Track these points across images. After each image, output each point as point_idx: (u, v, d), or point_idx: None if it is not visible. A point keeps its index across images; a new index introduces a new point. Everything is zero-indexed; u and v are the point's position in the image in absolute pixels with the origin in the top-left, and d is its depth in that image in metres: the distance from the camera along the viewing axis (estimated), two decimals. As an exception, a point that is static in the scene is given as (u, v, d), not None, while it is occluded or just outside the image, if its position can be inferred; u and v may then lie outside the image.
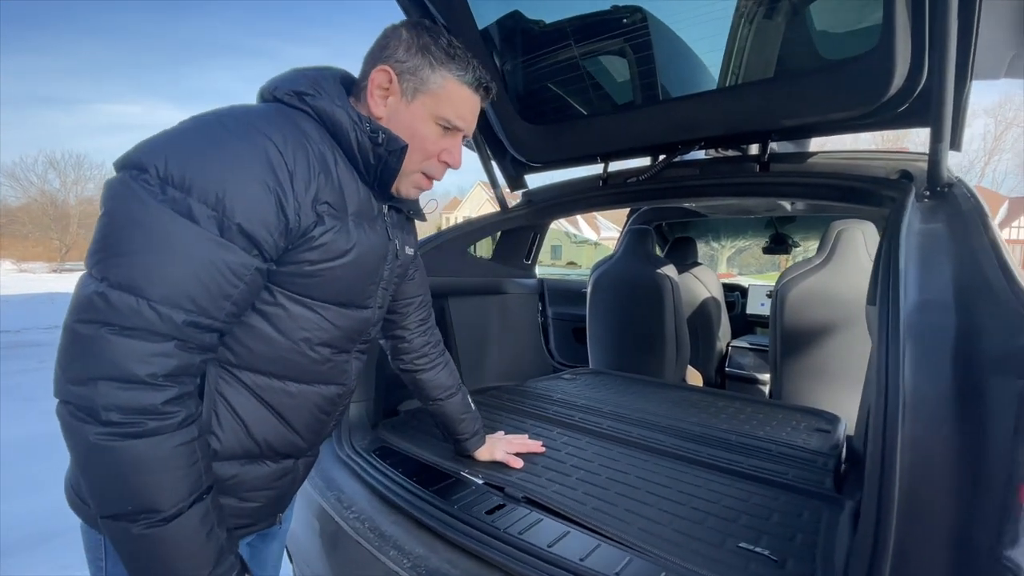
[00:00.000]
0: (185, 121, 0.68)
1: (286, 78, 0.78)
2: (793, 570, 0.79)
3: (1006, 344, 0.58)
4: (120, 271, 0.59)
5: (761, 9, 1.43)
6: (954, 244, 0.80)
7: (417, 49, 0.77)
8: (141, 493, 0.60)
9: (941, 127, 1.00)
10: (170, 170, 0.61)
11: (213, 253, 0.62)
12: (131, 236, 0.60)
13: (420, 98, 0.79)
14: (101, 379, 0.58)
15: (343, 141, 0.76)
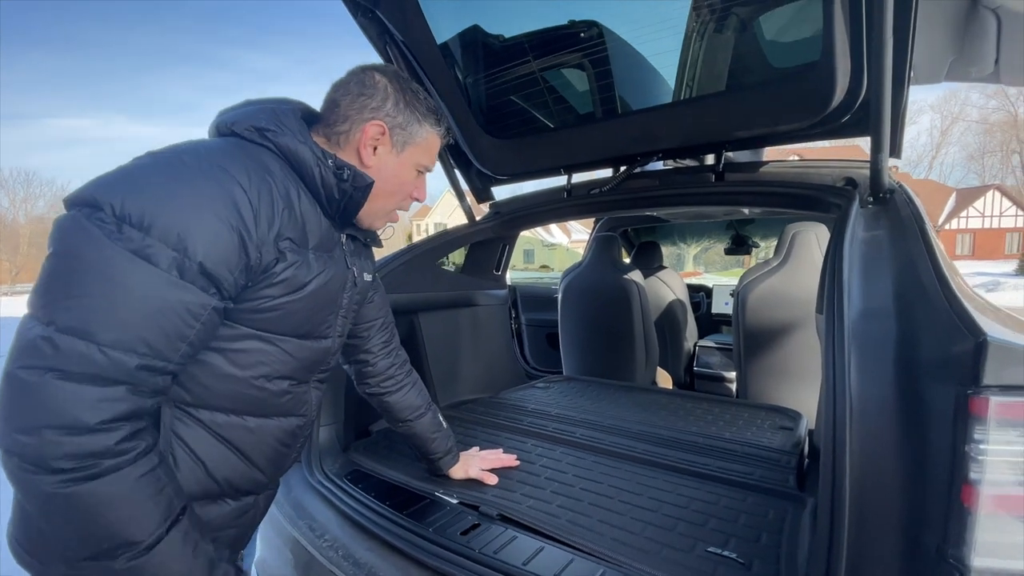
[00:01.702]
0: (142, 157, 0.67)
1: (245, 112, 0.77)
2: (759, 571, 0.82)
3: (942, 351, 0.61)
4: (69, 314, 0.57)
5: (711, 24, 1.48)
6: (894, 251, 0.85)
7: (404, 105, 0.84)
8: (114, 530, 0.59)
9: (881, 137, 1.06)
10: (127, 208, 0.59)
11: (170, 294, 0.61)
12: (82, 278, 0.58)
13: (408, 150, 0.86)
14: (46, 427, 0.56)
15: (306, 176, 0.77)
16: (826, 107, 1.22)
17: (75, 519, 0.58)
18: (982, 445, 0.53)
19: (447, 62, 1.67)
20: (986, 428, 0.53)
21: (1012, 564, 0.53)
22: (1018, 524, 0.53)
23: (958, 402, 0.56)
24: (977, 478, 0.53)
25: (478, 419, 1.59)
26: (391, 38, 1.59)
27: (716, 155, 1.51)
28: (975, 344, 0.55)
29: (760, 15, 1.39)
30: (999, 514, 0.53)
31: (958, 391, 0.56)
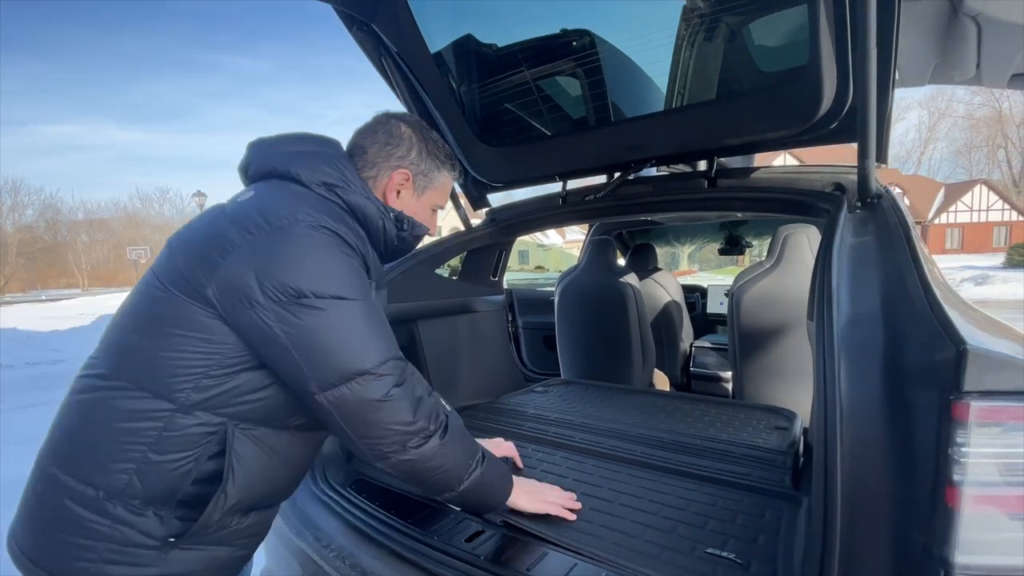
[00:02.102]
0: (287, 240, 0.76)
1: (306, 161, 0.85)
2: (757, 571, 0.85)
3: (926, 358, 0.64)
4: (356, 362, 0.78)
5: (701, 33, 1.51)
6: (881, 258, 0.88)
7: (427, 154, 0.97)
8: (472, 445, 0.90)
9: (867, 144, 1.09)
10: (316, 289, 0.74)
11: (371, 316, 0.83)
12: (338, 340, 0.77)
13: (428, 193, 1.00)
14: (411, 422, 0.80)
15: (371, 228, 0.90)
16: (814, 114, 1.25)
17: (459, 450, 0.86)
18: (964, 448, 0.56)
19: (441, 72, 1.69)
20: (967, 432, 0.56)
21: (993, 560, 0.56)
22: (998, 523, 0.56)
23: (941, 407, 0.58)
24: (960, 479, 0.56)
25: (479, 424, 1.61)
26: (386, 50, 1.61)
27: (708, 161, 1.54)
28: (956, 352, 0.58)
29: (748, 24, 1.42)
30: (981, 513, 0.56)
31: (941, 396, 0.59)
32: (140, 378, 0.75)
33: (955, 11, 1.59)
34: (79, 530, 0.73)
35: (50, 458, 0.78)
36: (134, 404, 0.74)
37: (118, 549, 0.73)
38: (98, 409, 0.76)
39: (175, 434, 0.74)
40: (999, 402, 0.56)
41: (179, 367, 0.74)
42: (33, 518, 0.77)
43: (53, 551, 0.74)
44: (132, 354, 0.77)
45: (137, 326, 0.79)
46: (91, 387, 0.79)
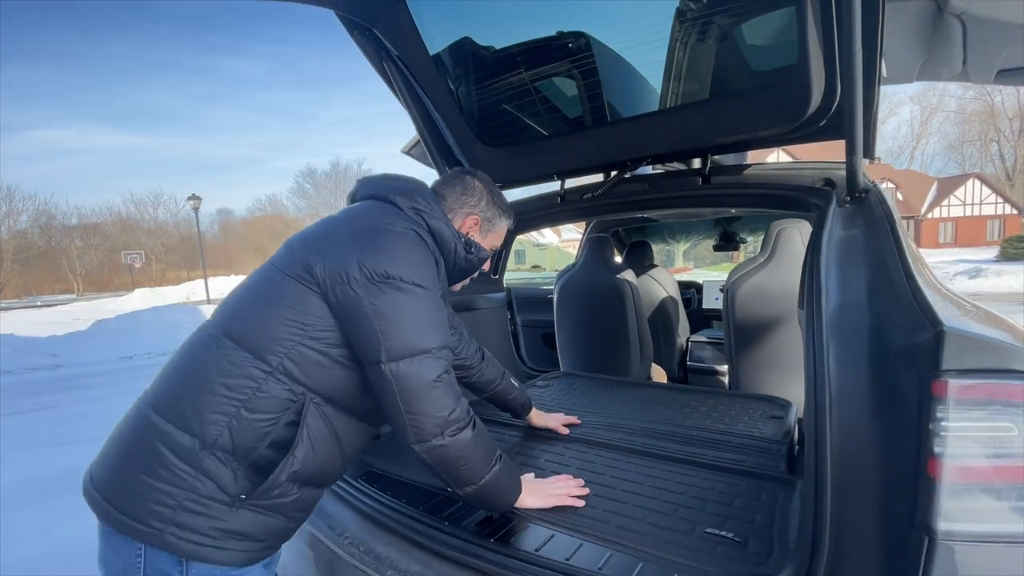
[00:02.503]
0: (385, 236, 0.93)
1: (400, 191, 1.03)
2: (754, 548, 0.89)
3: (908, 340, 0.68)
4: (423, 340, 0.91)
5: (693, 34, 1.55)
6: (867, 249, 0.93)
7: (493, 204, 1.17)
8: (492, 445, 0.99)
9: (854, 141, 1.13)
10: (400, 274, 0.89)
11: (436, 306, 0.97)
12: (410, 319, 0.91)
13: (490, 236, 1.20)
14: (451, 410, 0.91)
15: (445, 249, 1.06)
16: (803, 113, 1.30)
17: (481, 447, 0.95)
18: (944, 423, 0.60)
19: (441, 74, 1.73)
20: (947, 407, 0.60)
21: (972, 527, 0.60)
22: (976, 492, 0.60)
23: (922, 385, 0.63)
24: (941, 452, 0.60)
25: (483, 418, 1.65)
26: (387, 54, 1.64)
27: (702, 159, 1.58)
28: (935, 333, 0.62)
29: (739, 25, 1.47)
30: (960, 484, 0.60)
31: (922, 376, 0.63)
32: (246, 340, 0.87)
33: (940, 10, 1.64)
34: (165, 476, 0.81)
35: (152, 406, 0.87)
36: (238, 363, 0.86)
37: (197, 499, 0.81)
38: (206, 365, 0.87)
39: (266, 396, 0.85)
40: (975, 379, 0.60)
41: (279, 335, 0.87)
42: (119, 462, 0.85)
43: (134, 495, 0.81)
44: (243, 321, 0.90)
45: (250, 299, 0.93)
46: (202, 343, 0.91)
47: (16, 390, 6.38)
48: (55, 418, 4.92)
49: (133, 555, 0.81)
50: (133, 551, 0.81)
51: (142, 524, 0.80)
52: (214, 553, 0.82)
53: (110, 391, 5.96)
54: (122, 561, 0.82)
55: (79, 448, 3.94)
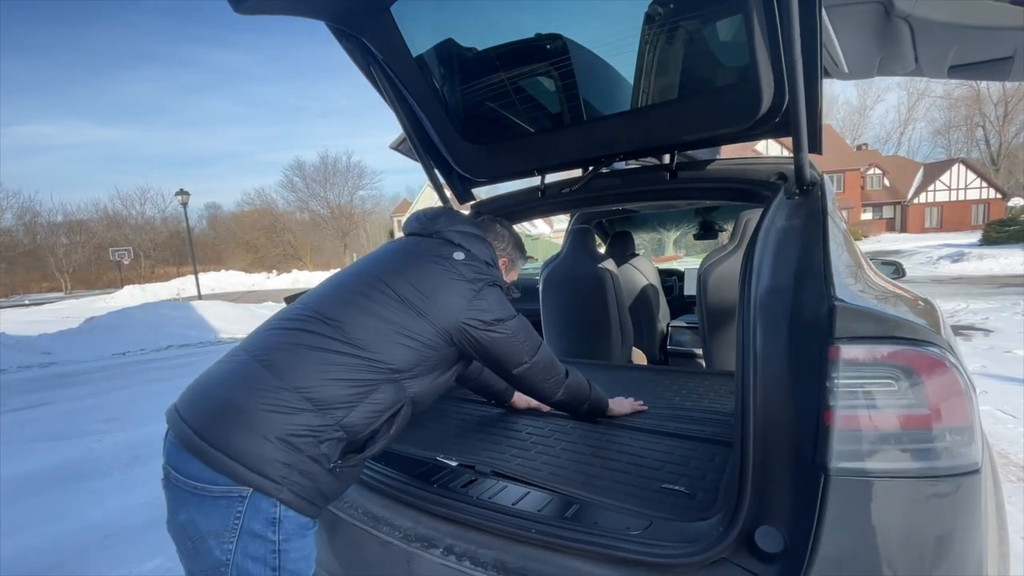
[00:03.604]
0: (491, 288, 1.19)
1: (472, 242, 1.24)
2: (701, 499, 1.03)
3: (813, 315, 0.82)
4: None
5: (662, 37, 1.67)
6: (801, 238, 1.05)
7: (515, 247, 1.44)
8: (584, 384, 1.43)
9: (800, 139, 1.25)
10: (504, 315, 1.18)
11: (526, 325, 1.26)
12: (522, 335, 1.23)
13: (510, 274, 1.44)
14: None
15: None
16: (756, 114, 1.42)
17: (578, 385, 1.42)
18: (836, 380, 0.74)
19: (425, 76, 1.83)
20: (838, 368, 0.74)
21: (858, 464, 0.74)
22: (859, 435, 0.74)
23: (821, 350, 0.76)
24: (833, 404, 0.74)
25: (470, 398, 1.78)
26: (374, 59, 1.74)
27: (670, 155, 1.71)
28: (829, 307, 0.75)
29: (702, 30, 1.58)
30: (848, 430, 0.74)
31: (821, 342, 0.76)
32: (372, 350, 1.02)
33: (888, 13, 1.76)
34: (294, 443, 0.91)
35: (281, 378, 0.94)
36: (363, 366, 1.00)
37: (313, 462, 0.93)
38: (335, 357, 0.99)
39: (382, 395, 1.01)
40: (860, 344, 0.73)
41: (402, 356, 1.04)
42: (242, 425, 0.90)
43: (259, 454, 0.89)
44: (367, 332, 1.03)
45: (370, 311, 1.06)
46: (327, 334, 1.01)
47: (11, 388, 6.43)
48: (52, 414, 4.99)
49: (232, 515, 0.87)
50: (234, 512, 0.87)
51: (265, 478, 0.88)
52: (307, 506, 0.93)
53: (106, 387, 6.03)
54: (220, 522, 0.87)
55: (79, 442, 4.04)
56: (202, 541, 0.87)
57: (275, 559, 0.90)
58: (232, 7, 1.28)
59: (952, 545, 0.74)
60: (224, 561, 0.87)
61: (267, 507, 0.88)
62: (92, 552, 2.41)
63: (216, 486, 0.87)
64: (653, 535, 0.90)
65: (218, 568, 0.87)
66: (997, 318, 6.79)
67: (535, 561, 0.91)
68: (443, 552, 0.97)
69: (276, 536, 0.89)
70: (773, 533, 0.79)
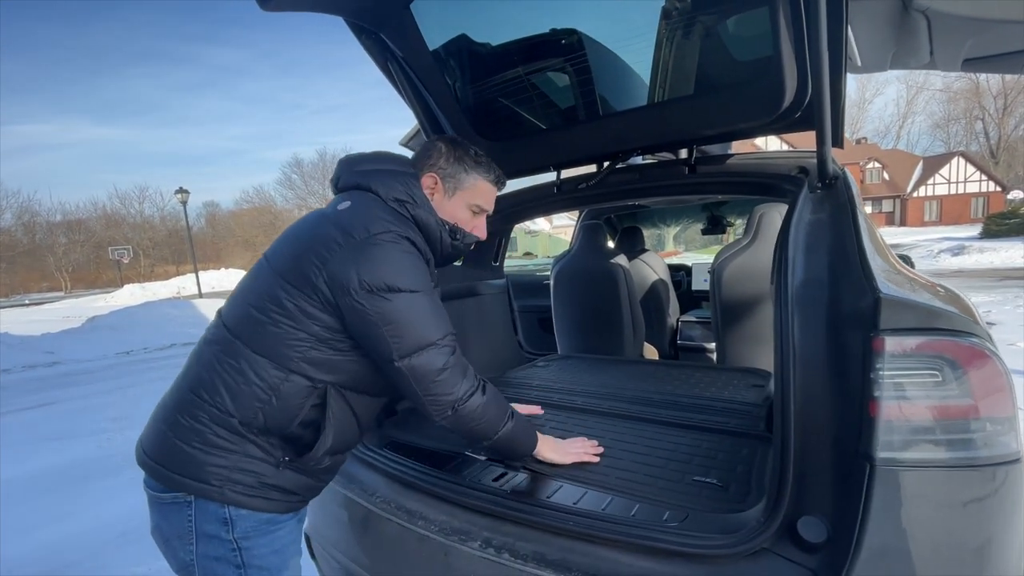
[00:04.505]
0: (377, 248, 0.98)
1: (383, 180, 1.07)
2: (735, 491, 1.04)
3: (855, 307, 0.82)
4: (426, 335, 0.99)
5: (679, 31, 1.67)
6: (831, 231, 1.06)
7: (454, 160, 1.14)
8: (505, 406, 1.09)
9: (824, 131, 1.26)
10: (400, 285, 0.97)
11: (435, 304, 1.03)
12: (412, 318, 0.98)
13: (459, 194, 1.15)
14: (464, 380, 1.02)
15: (431, 239, 1.10)
16: (779, 107, 1.42)
17: (494, 409, 1.07)
18: (880, 371, 0.74)
19: (441, 72, 1.83)
20: (883, 359, 0.74)
21: (903, 455, 0.74)
22: (904, 426, 0.75)
23: (865, 342, 0.77)
24: (878, 395, 0.75)
25: None
26: (392, 55, 1.74)
27: (688, 150, 1.71)
28: (874, 299, 0.76)
29: (720, 24, 1.58)
30: (893, 421, 0.74)
31: (865, 334, 0.77)
32: (265, 350, 0.97)
33: (906, 7, 1.76)
34: (219, 444, 0.94)
35: (192, 390, 0.97)
36: (262, 364, 0.96)
37: (248, 461, 0.96)
38: (233, 362, 0.97)
39: (291, 386, 0.97)
40: (905, 336, 0.74)
41: (292, 345, 0.96)
42: (172, 436, 0.96)
43: (192, 462, 0.94)
44: (256, 331, 0.98)
45: (258, 305, 0.99)
46: (223, 340, 1.00)
47: (16, 388, 6.44)
48: (60, 413, 5.00)
49: (185, 519, 0.93)
50: (185, 516, 0.93)
51: (202, 483, 0.92)
52: (260, 503, 0.96)
53: (112, 385, 6.04)
54: (176, 526, 0.94)
55: (89, 441, 4.05)
56: (168, 544, 0.97)
57: (236, 556, 0.95)
58: (259, 4, 1.27)
59: (994, 533, 0.75)
60: (189, 562, 0.95)
61: (215, 508, 0.94)
62: (110, 550, 2.42)
63: (166, 494, 0.95)
64: (692, 527, 0.91)
65: (186, 568, 0.96)
66: (999, 311, 6.81)
67: (574, 553, 0.92)
68: (481, 545, 0.98)
69: (231, 535, 0.94)
70: (816, 523, 0.80)
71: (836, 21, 1.21)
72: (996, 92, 37.43)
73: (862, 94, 49.71)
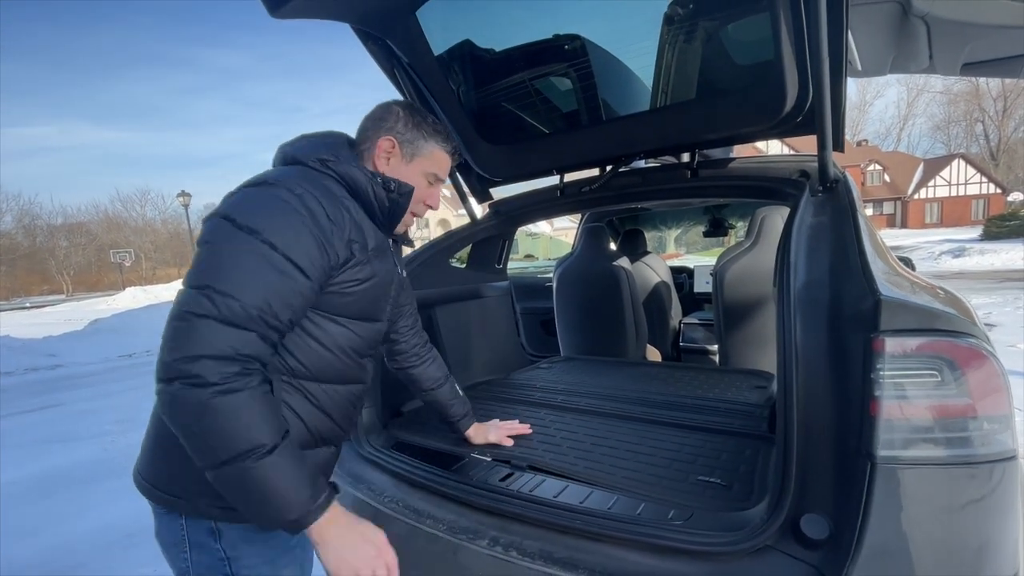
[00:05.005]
0: (252, 187, 0.89)
1: (307, 148, 0.99)
2: (738, 490, 1.05)
3: (856, 308, 0.84)
4: (222, 282, 0.79)
5: (680, 37, 1.69)
6: (832, 234, 1.08)
7: (413, 125, 1.05)
8: (248, 433, 0.76)
9: (824, 136, 1.28)
10: (247, 221, 0.82)
11: (276, 275, 0.83)
12: (226, 260, 0.81)
13: (417, 160, 1.07)
14: (205, 357, 0.75)
15: (361, 194, 0.99)
16: (780, 112, 1.44)
17: (222, 424, 0.75)
18: (881, 371, 0.76)
19: (446, 77, 1.85)
20: (883, 359, 0.76)
21: (902, 453, 0.76)
22: (904, 425, 0.76)
23: (865, 343, 0.79)
24: (879, 395, 0.76)
25: (495, 396, 1.81)
26: (398, 61, 1.77)
27: (691, 154, 1.73)
28: (874, 301, 0.78)
29: (721, 30, 1.60)
30: (893, 419, 0.76)
31: (865, 335, 0.79)
32: None
33: (905, 13, 1.79)
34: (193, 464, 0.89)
35: None
36: None
37: None
38: None
39: None
40: (905, 337, 0.76)
41: None
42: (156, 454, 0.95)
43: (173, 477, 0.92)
44: None
45: None
46: None
47: (19, 390, 6.46)
48: (61, 416, 5.02)
49: (178, 528, 0.93)
50: (178, 525, 0.93)
51: (181, 499, 0.91)
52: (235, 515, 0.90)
53: (114, 388, 6.06)
54: (172, 534, 0.94)
55: (93, 443, 4.06)
56: (167, 550, 0.96)
57: (225, 566, 0.92)
58: (268, 12, 1.30)
59: (992, 528, 0.77)
60: (185, 569, 0.94)
61: (203, 519, 0.92)
62: (116, 551, 2.44)
63: (159, 505, 0.94)
64: (696, 524, 0.92)
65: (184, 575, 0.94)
66: (999, 313, 6.82)
67: (581, 551, 0.94)
68: (489, 543, 1.00)
69: (219, 545, 0.92)
70: (819, 520, 0.81)
71: (836, 26, 1.23)
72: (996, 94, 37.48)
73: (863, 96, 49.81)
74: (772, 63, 1.39)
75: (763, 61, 1.45)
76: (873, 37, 2.01)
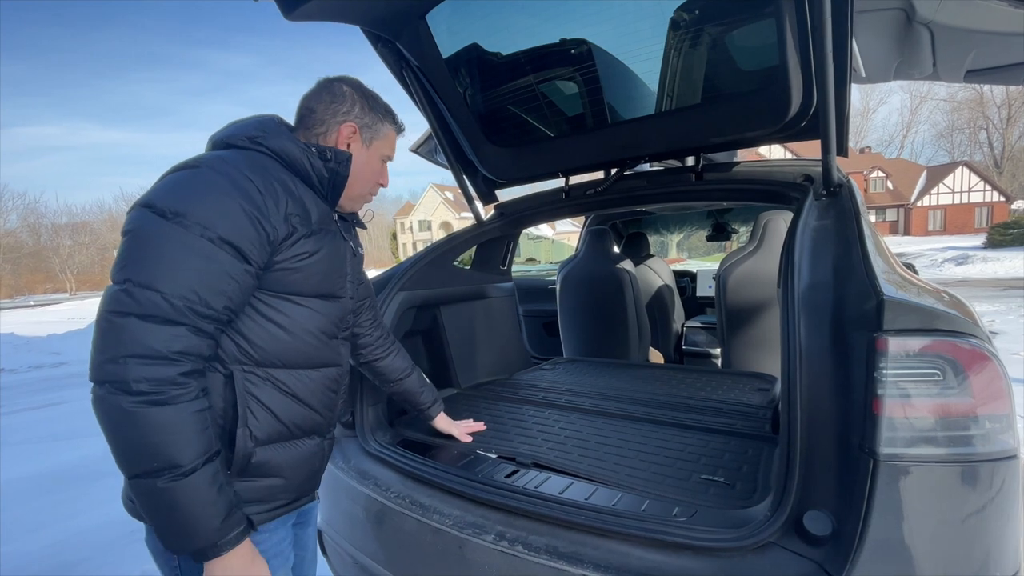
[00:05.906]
0: (179, 172, 0.85)
1: (235, 128, 0.96)
2: (741, 488, 1.06)
3: (859, 309, 0.86)
4: (141, 274, 0.76)
5: (686, 42, 1.71)
6: (836, 237, 1.09)
7: (369, 108, 1.04)
8: (166, 451, 0.74)
9: (829, 141, 1.29)
10: (173, 206, 0.79)
11: (206, 259, 0.79)
12: (147, 250, 0.77)
13: (375, 143, 1.06)
14: (130, 357, 0.72)
15: (297, 166, 0.95)
16: (785, 117, 1.46)
17: (139, 437, 0.73)
18: (884, 370, 0.77)
19: (454, 80, 1.87)
20: (886, 359, 0.77)
21: (904, 451, 0.77)
22: (906, 423, 0.77)
23: (868, 342, 0.80)
24: (882, 393, 0.78)
25: (500, 396, 1.82)
26: (407, 64, 1.79)
27: (696, 158, 1.75)
28: (878, 301, 0.79)
29: (726, 36, 1.62)
30: (896, 418, 0.77)
31: (869, 335, 0.80)
32: None
33: (909, 19, 1.81)
34: None
35: None
36: None
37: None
38: None
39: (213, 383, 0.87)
40: (908, 337, 0.77)
41: None
42: None
43: None
44: None
45: None
46: None
47: (23, 387, 6.49)
48: (66, 413, 5.05)
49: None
50: None
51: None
52: None
53: (118, 386, 6.08)
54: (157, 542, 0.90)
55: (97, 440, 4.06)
56: (158, 559, 0.94)
57: None
58: (283, 14, 1.32)
59: (993, 526, 0.78)
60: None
61: None
62: (118, 548, 2.45)
63: None
64: (700, 521, 0.94)
65: None
66: (1003, 320, 6.81)
67: (586, 546, 0.95)
68: (495, 538, 1.01)
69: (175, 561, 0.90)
70: (821, 517, 0.82)
71: (841, 32, 1.25)
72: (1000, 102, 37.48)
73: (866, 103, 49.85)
74: (777, 68, 1.41)
75: (768, 66, 1.46)
76: (877, 43, 2.02)
